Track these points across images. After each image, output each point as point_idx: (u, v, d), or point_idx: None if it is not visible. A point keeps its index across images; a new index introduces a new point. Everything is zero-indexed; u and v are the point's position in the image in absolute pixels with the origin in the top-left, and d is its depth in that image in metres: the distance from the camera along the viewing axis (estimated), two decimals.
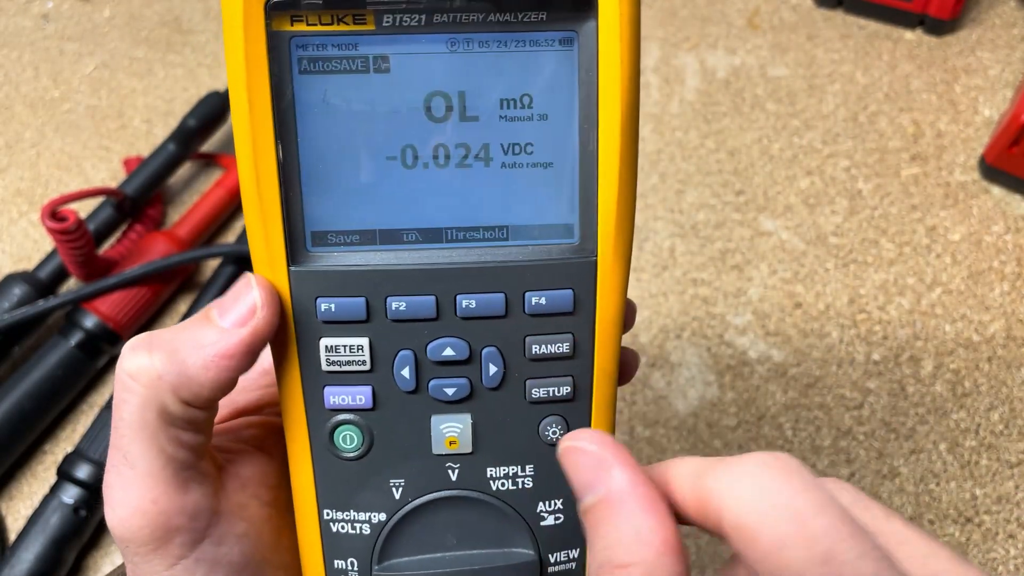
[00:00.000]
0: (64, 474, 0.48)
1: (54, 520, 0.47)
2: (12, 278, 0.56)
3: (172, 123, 0.70)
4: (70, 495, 0.48)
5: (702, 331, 0.58)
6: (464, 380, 0.24)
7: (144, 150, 0.69)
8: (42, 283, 0.57)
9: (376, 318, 0.23)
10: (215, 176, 0.68)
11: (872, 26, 0.78)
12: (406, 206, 0.23)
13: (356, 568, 0.25)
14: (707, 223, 0.64)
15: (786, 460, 0.19)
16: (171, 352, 0.22)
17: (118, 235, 0.63)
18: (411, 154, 0.23)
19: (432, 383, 0.24)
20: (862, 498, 0.20)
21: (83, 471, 0.48)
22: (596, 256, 0.23)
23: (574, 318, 0.24)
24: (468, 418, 0.24)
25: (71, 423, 0.55)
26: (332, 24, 0.22)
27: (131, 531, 0.22)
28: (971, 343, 0.57)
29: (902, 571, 0.17)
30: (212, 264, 0.62)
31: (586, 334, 0.24)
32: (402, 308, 0.23)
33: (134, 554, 0.23)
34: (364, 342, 0.24)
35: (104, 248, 0.61)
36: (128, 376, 0.22)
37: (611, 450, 0.20)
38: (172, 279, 0.58)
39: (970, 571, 0.18)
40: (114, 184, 0.66)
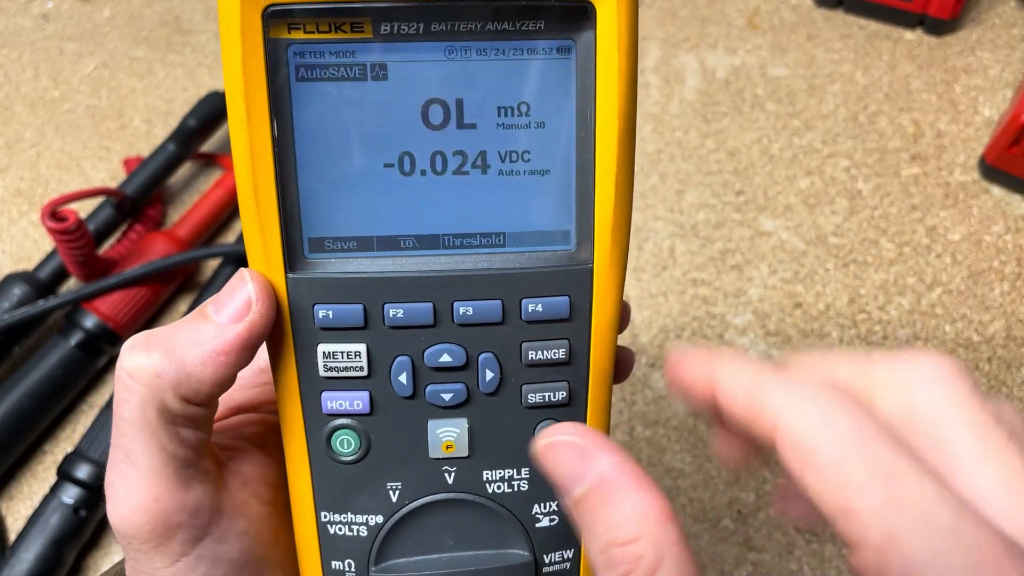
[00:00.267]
0: (64, 474, 0.48)
1: (54, 520, 0.47)
2: (12, 278, 0.56)
3: (172, 123, 0.70)
4: (70, 495, 0.48)
5: (702, 331, 0.58)
6: (461, 386, 0.24)
7: (144, 150, 0.69)
8: (42, 283, 0.57)
9: (374, 324, 0.23)
10: (215, 176, 0.69)
11: (872, 26, 0.77)
12: (403, 213, 0.23)
13: (353, 569, 0.25)
14: (707, 223, 0.64)
15: (842, 392, 0.20)
16: (169, 350, 0.22)
17: (118, 235, 0.63)
18: (408, 161, 0.23)
19: (429, 388, 0.24)
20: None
21: (83, 471, 0.48)
22: (592, 263, 0.24)
23: (570, 324, 0.24)
24: (465, 423, 0.24)
25: (71, 423, 0.55)
26: (330, 32, 0.22)
27: (133, 528, 0.23)
28: (971, 343, 0.57)
29: (956, 489, 0.18)
30: (212, 264, 0.62)
31: (582, 340, 0.24)
32: (399, 315, 0.23)
33: (136, 551, 0.23)
34: (362, 348, 0.24)
35: (104, 248, 0.62)
36: (128, 375, 0.22)
37: (591, 438, 0.21)
38: (172, 279, 0.59)
39: None
40: (114, 184, 0.66)
